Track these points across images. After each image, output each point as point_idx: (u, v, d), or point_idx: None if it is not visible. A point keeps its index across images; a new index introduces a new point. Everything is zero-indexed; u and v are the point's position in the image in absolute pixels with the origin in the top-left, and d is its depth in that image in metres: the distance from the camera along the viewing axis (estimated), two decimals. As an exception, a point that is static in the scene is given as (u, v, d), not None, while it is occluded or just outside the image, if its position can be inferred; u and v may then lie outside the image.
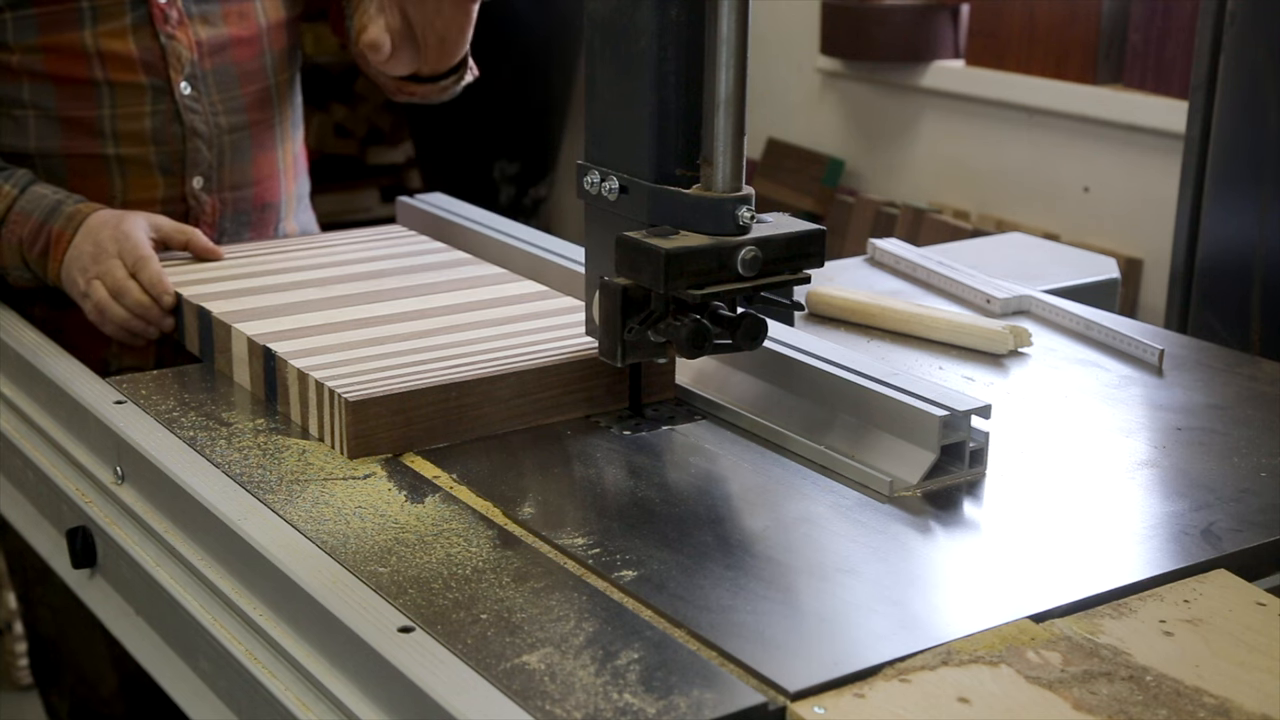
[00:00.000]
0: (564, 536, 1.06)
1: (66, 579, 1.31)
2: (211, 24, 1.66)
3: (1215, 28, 1.71)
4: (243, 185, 1.72)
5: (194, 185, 1.67)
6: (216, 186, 1.69)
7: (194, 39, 1.64)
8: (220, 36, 1.66)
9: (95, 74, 1.61)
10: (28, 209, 1.55)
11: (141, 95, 1.63)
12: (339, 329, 1.36)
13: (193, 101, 1.65)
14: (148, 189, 1.66)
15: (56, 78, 1.61)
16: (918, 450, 1.16)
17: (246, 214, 1.74)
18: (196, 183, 1.68)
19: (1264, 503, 1.14)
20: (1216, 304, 1.75)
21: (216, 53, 1.66)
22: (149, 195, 1.66)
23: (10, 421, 1.42)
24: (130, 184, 1.66)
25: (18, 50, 1.61)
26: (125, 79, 1.62)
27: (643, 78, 1.16)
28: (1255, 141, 1.68)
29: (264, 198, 1.75)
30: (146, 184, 1.66)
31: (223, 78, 1.67)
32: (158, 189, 1.67)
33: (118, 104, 1.63)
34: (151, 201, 1.66)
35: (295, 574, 0.99)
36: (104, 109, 1.63)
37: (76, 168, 1.65)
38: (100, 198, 1.62)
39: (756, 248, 1.13)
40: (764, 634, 0.94)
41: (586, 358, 1.28)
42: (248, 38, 1.69)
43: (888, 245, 1.80)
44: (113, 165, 1.65)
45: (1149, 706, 0.87)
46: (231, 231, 1.72)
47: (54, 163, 1.64)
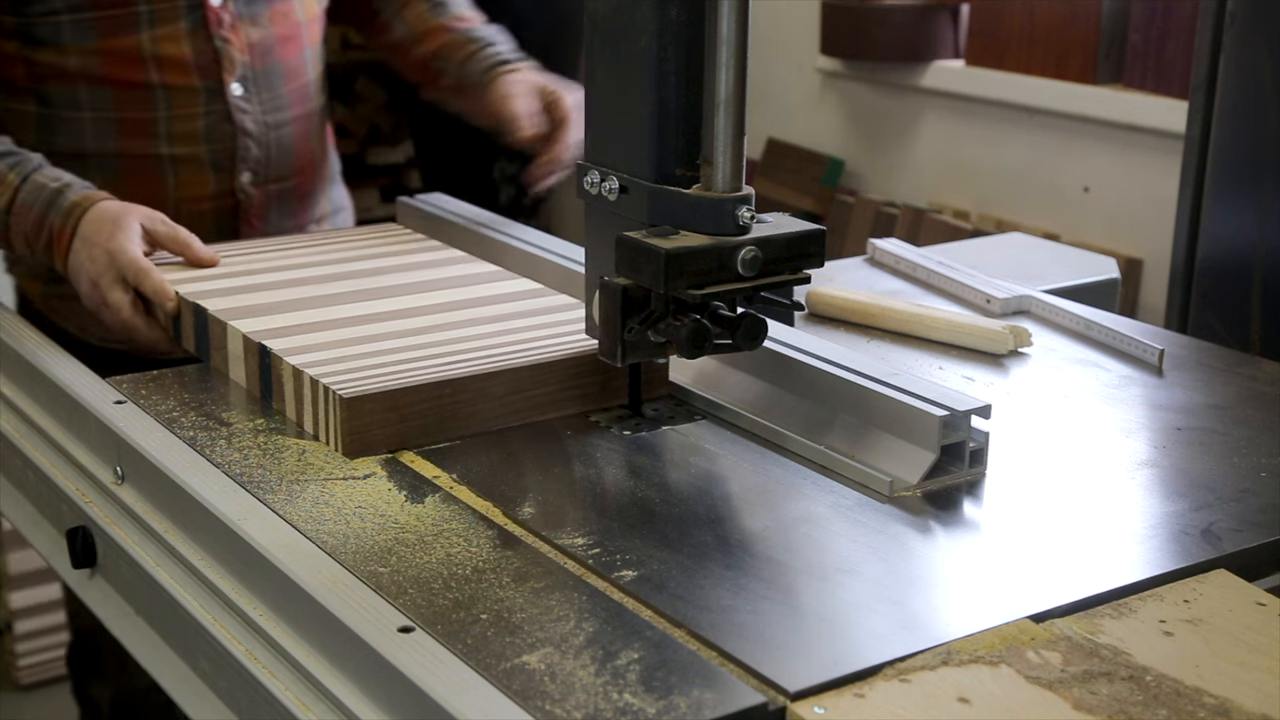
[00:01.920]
0: (564, 536, 1.06)
1: (66, 579, 1.31)
2: (259, 25, 1.71)
3: (1215, 28, 1.71)
4: (287, 176, 1.77)
5: (243, 180, 1.73)
6: (263, 180, 1.74)
7: (245, 41, 1.69)
8: (267, 37, 1.72)
9: (151, 77, 1.66)
10: (28, 201, 1.54)
11: (195, 97, 1.68)
12: (335, 326, 1.36)
13: (243, 101, 1.70)
14: (199, 186, 1.71)
15: (113, 81, 1.66)
16: (918, 450, 1.16)
17: (290, 203, 1.80)
18: (245, 178, 1.73)
19: (1264, 503, 1.14)
20: (1216, 304, 1.75)
21: (265, 53, 1.71)
22: (200, 192, 1.71)
23: (10, 421, 1.42)
24: (182, 182, 1.70)
25: (75, 53, 1.65)
26: (180, 82, 1.67)
27: (643, 78, 1.16)
28: (1255, 141, 1.68)
29: (305, 187, 1.82)
30: (198, 181, 1.71)
31: (270, 76, 1.72)
32: (209, 185, 1.72)
33: (172, 106, 1.68)
34: (202, 197, 1.71)
35: (295, 574, 0.98)
36: (159, 111, 1.68)
37: (131, 167, 1.69)
38: (153, 195, 1.65)
39: (756, 248, 1.13)
40: (764, 634, 0.94)
41: (581, 355, 1.28)
42: (290, 36, 1.75)
43: (888, 245, 1.80)
44: (166, 164, 1.69)
45: (1149, 706, 0.87)
46: (275, 220, 1.78)
47: (109, 162, 1.69)
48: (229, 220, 1.73)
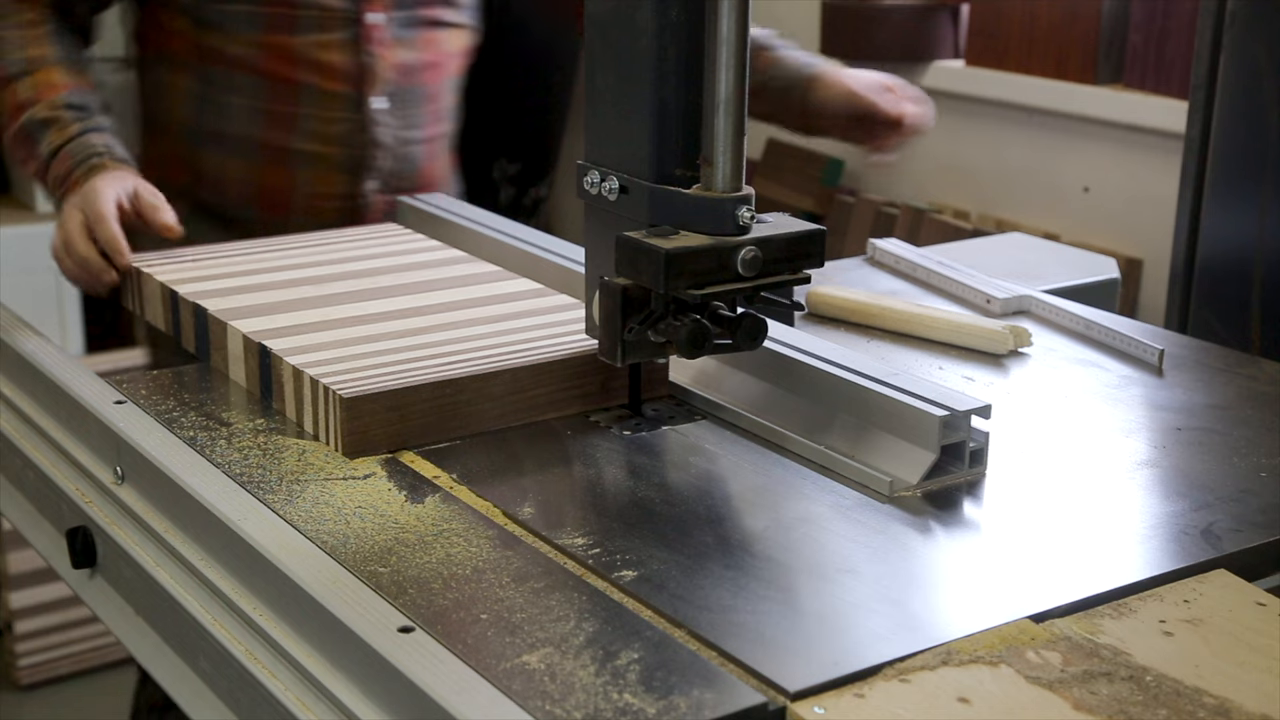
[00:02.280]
0: (564, 536, 1.06)
1: (66, 579, 1.31)
2: (410, 48, 1.81)
3: (1215, 28, 1.71)
4: (409, 189, 1.86)
5: (368, 187, 1.82)
6: (387, 189, 1.84)
7: (394, 60, 1.79)
8: (415, 60, 1.82)
9: (302, 77, 1.77)
10: (74, 150, 1.65)
11: (338, 103, 1.78)
12: (334, 326, 1.36)
13: (381, 115, 1.79)
14: (327, 184, 1.81)
15: (268, 74, 1.76)
16: (918, 450, 1.16)
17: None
18: (371, 185, 1.82)
19: (1264, 503, 1.14)
20: (1216, 304, 1.75)
21: (409, 74, 1.81)
22: (326, 190, 1.81)
23: (10, 421, 1.42)
24: (312, 178, 1.80)
25: (239, 42, 1.75)
26: (327, 87, 1.77)
27: (643, 78, 1.16)
28: (1255, 141, 1.68)
29: None
30: (326, 180, 1.81)
31: (410, 97, 1.82)
32: (336, 186, 1.81)
33: (316, 107, 1.78)
34: (328, 195, 1.81)
35: (295, 574, 0.98)
36: (303, 109, 1.78)
37: (268, 156, 1.79)
38: (284, 187, 1.80)
39: (756, 248, 1.13)
40: (764, 634, 0.94)
41: (581, 355, 1.28)
42: (436, 63, 1.85)
43: (888, 245, 1.80)
44: (299, 160, 1.80)
45: (1149, 706, 0.87)
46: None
47: (249, 149, 1.79)
48: (348, 221, 1.81)
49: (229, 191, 1.80)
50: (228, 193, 1.80)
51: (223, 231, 1.75)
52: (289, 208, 1.81)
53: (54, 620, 2.85)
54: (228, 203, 1.82)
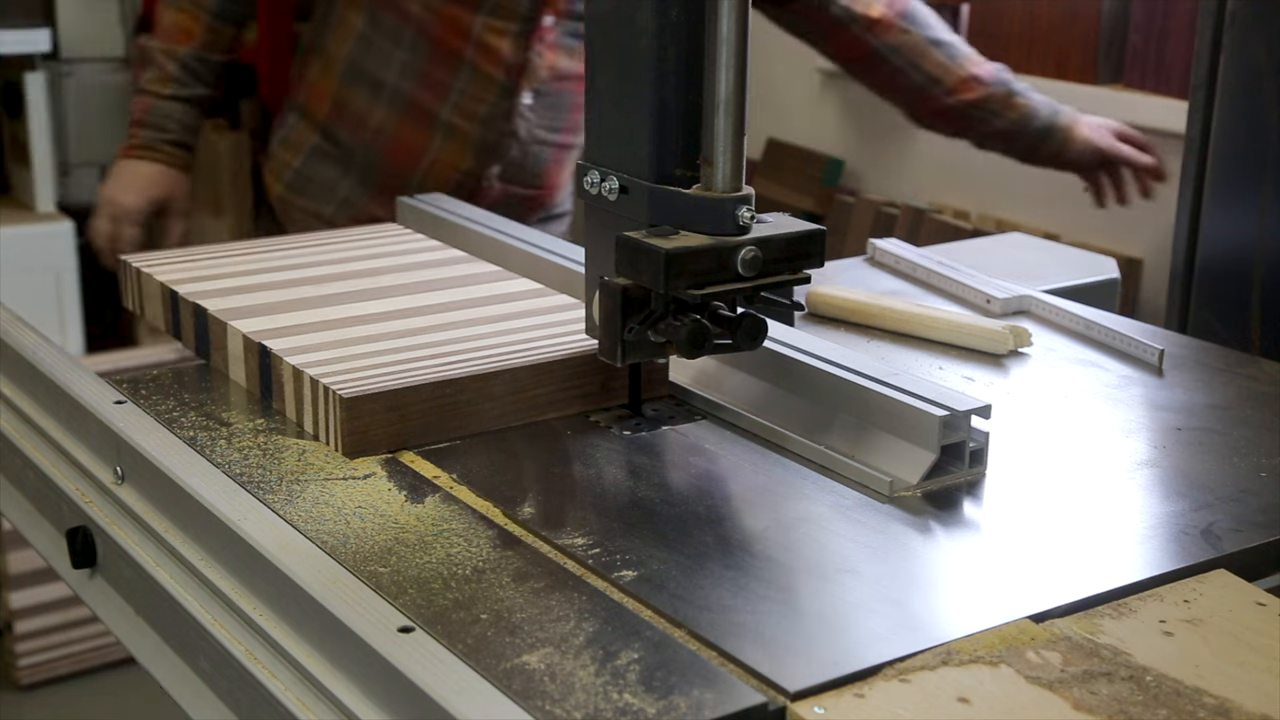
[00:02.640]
0: (564, 536, 1.06)
1: (66, 579, 1.31)
2: (568, 56, 1.91)
3: (1215, 28, 1.71)
4: (529, 186, 1.97)
5: (492, 172, 1.94)
6: (508, 179, 1.95)
7: (553, 63, 1.89)
8: (571, 69, 1.92)
9: (468, 55, 1.89)
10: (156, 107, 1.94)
11: (492, 88, 1.90)
12: (335, 326, 1.36)
13: (526, 110, 1.90)
14: (456, 158, 1.94)
15: (437, 41, 1.89)
16: (918, 450, 1.16)
17: (521, 208, 2.00)
18: (495, 170, 1.95)
19: (1264, 503, 1.14)
20: (1216, 304, 1.75)
21: (562, 80, 1.92)
22: (453, 163, 1.94)
23: (10, 421, 1.42)
24: (445, 148, 1.93)
25: (419, 3, 1.85)
26: (487, 70, 1.89)
27: (643, 78, 1.16)
28: (1255, 141, 1.68)
29: (541, 201, 2.03)
30: (457, 154, 1.94)
31: (555, 100, 1.93)
32: (464, 162, 1.94)
33: (470, 85, 1.90)
34: (453, 168, 1.95)
35: (295, 574, 0.98)
36: (458, 83, 1.90)
37: (412, 115, 1.92)
38: (418, 148, 1.93)
39: (756, 248, 1.13)
40: (764, 634, 0.94)
41: (582, 355, 1.28)
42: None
43: (888, 245, 1.80)
44: (440, 128, 1.92)
45: (1149, 706, 0.87)
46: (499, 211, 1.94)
47: (398, 102, 1.93)
48: (466, 198, 1.88)
49: (365, 134, 1.92)
50: (363, 134, 1.93)
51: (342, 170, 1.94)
52: (415, 167, 1.94)
53: (54, 620, 2.85)
54: (359, 144, 1.96)
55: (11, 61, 3.33)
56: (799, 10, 2.15)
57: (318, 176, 2.02)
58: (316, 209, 2.04)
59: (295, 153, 2.06)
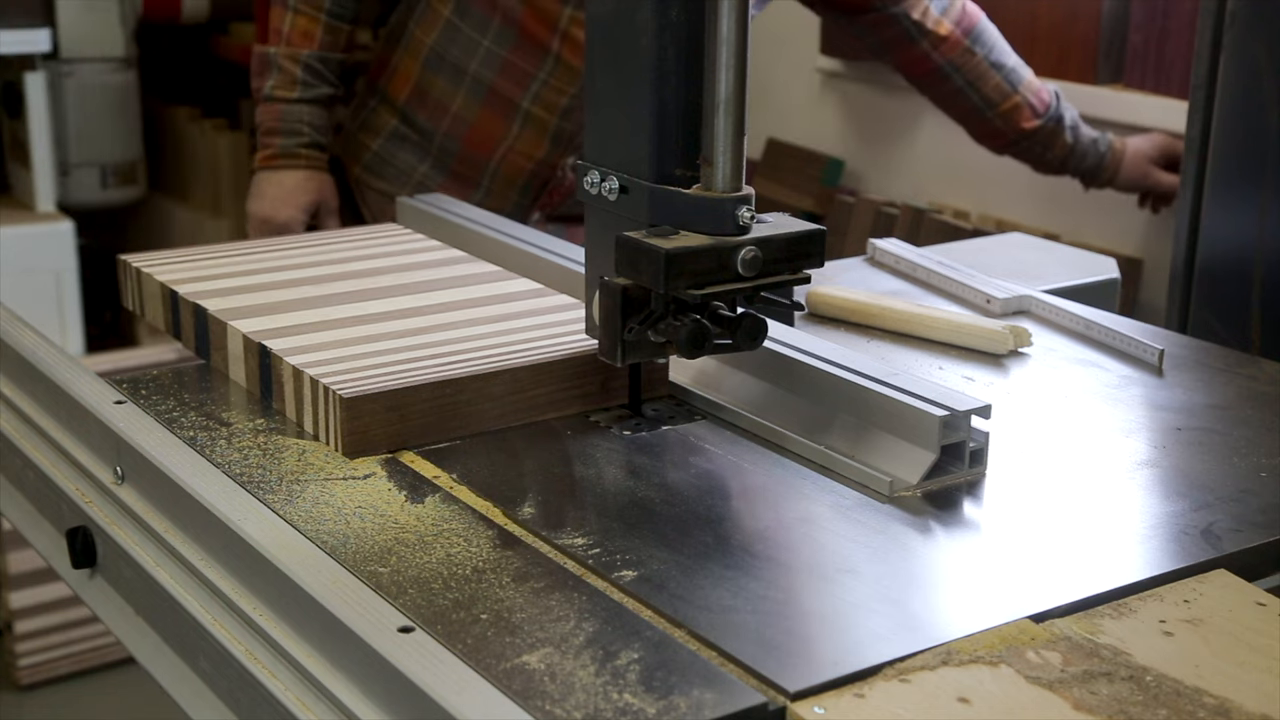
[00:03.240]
0: (564, 536, 1.06)
1: (66, 579, 1.31)
2: None
3: (1215, 28, 1.71)
4: None
5: (567, 163, 1.98)
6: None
7: None
8: None
9: (552, 46, 1.91)
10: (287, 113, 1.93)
11: (574, 79, 1.92)
12: (335, 326, 1.36)
13: None
14: (532, 147, 1.97)
15: (523, 30, 1.91)
16: (918, 450, 1.16)
17: None
18: (571, 161, 1.98)
19: (1264, 503, 1.14)
20: (1216, 304, 1.75)
21: None
22: (529, 151, 1.97)
23: (10, 421, 1.42)
24: (522, 136, 1.97)
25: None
26: (570, 60, 1.91)
27: (643, 78, 1.16)
28: (1255, 141, 1.68)
29: None
30: (534, 143, 1.97)
31: None
32: (540, 151, 1.97)
33: (553, 75, 1.92)
34: (529, 156, 1.98)
35: (295, 574, 0.98)
36: (540, 73, 1.93)
37: (492, 102, 1.95)
38: (496, 135, 1.96)
39: (756, 248, 1.14)
40: (764, 634, 0.94)
41: (582, 355, 1.28)
42: None
43: (888, 245, 1.80)
44: (519, 117, 1.96)
45: (1149, 706, 0.87)
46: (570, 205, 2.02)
47: (479, 89, 1.96)
48: (538, 186, 1.97)
49: (444, 120, 1.95)
50: (442, 120, 1.95)
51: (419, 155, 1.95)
52: (491, 155, 1.97)
53: (54, 620, 2.85)
54: (438, 129, 1.99)
55: (11, 61, 3.32)
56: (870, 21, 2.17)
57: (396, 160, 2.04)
58: (393, 190, 2.06)
59: (374, 135, 2.08)
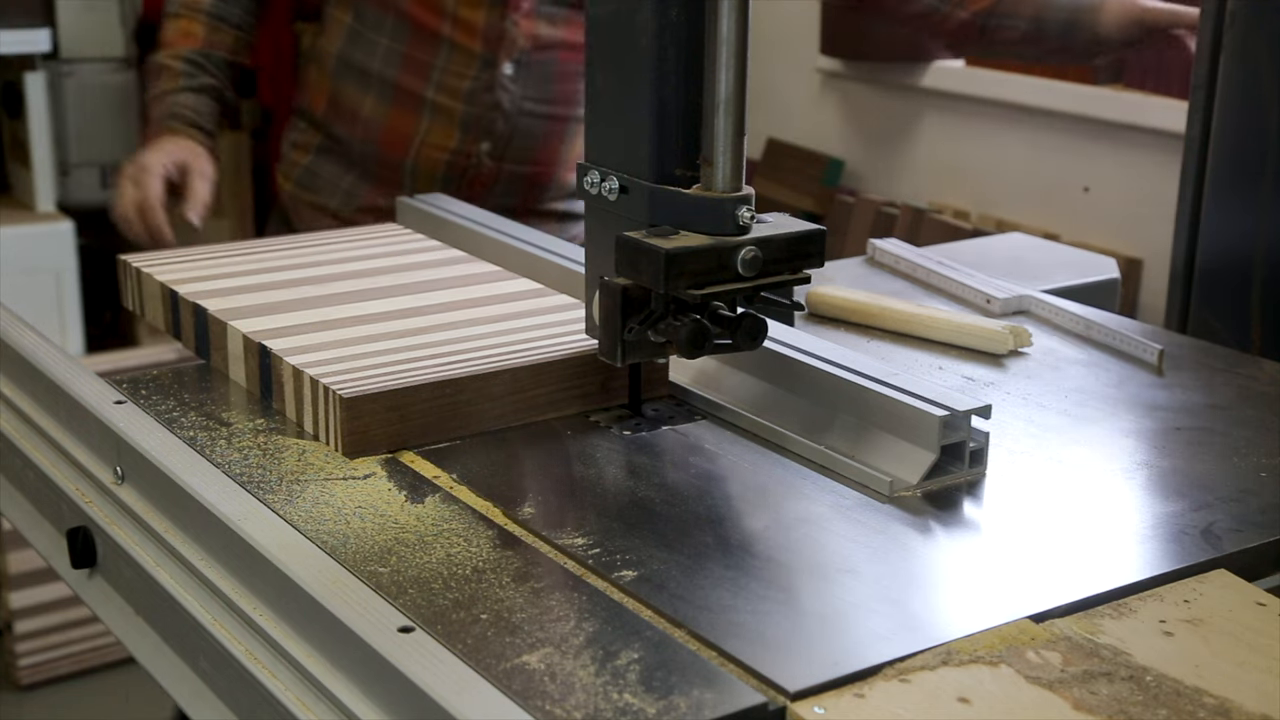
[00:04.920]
0: (564, 536, 1.06)
1: (66, 579, 1.31)
2: (552, 24, 1.90)
3: (1215, 28, 1.71)
4: (524, 162, 1.97)
5: (482, 148, 1.93)
6: (500, 157, 1.94)
7: (533, 32, 1.88)
8: (554, 37, 1.91)
9: (444, 30, 1.89)
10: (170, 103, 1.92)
11: (472, 62, 1.90)
12: (335, 326, 1.36)
13: (509, 82, 1.89)
14: (444, 138, 1.93)
15: (414, 21, 1.90)
16: (918, 450, 1.16)
17: (520, 186, 1.99)
18: (484, 147, 1.93)
19: (1264, 503, 1.14)
20: (1216, 304, 1.75)
21: (545, 49, 1.90)
22: (442, 143, 1.94)
23: (10, 421, 1.42)
24: (432, 128, 1.93)
25: None
26: (464, 43, 1.89)
27: (643, 78, 1.16)
28: (1255, 141, 1.68)
29: (538, 180, 2.01)
30: (445, 133, 1.93)
31: (542, 71, 1.91)
32: (452, 140, 1.93)
33: (450, 61, 1.90)
34: (443, 148, 1.94)
35: (295, 574, 0.98)
36: (438, 60, 1.91)
37: (400, 99, 1.94)
38: (405, 131, 1.94)
39: (756, 248, 1.13)
40: (764, 634, 0.94)
41: (582, 355, 1.28)
42: (575, 44, 1.93)
43: (888, 245, 1.80)
44: (426, 108, 1.93)
45: (1149, 706, 0.87)
46: (501, 196, 1.98)
47: (386, 89, 1.95)
48: (458, 178, 1.95)
49: (358, 126, 1.95)
50: (356, 127, 1.95)
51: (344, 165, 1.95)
52: (406, 152, 1.94)
53: (54, 620, 2.85)
54: (355, 136, 1.99)
55: (11, 61, 3.33)
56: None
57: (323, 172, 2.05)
58: (322, 202, 2.07)
59: (304, 153, 2.10)
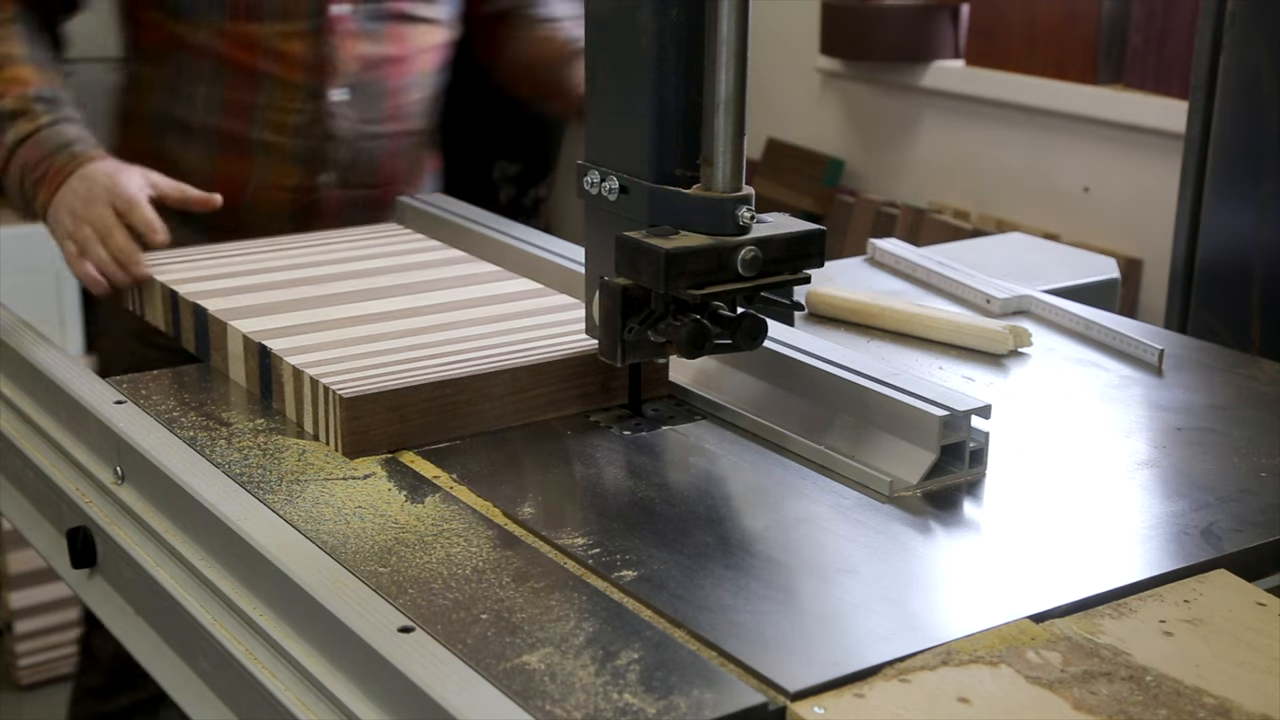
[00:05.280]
0: (564, 536, 1.06)
1: (66, 579, 1.31)
2: (374, 41, 1.79)
3: (1215, 28, 1.71)
4: (370, 185, 1.85)
5: (323, 180, 1.81)
6: (343, 184, 1.82)
7: (356, 53, 1.77)
8: (380, 54, 1.80)
9: (262, 66, 1.76)
10: (45, 139, 1.62)
11: (297, 94, 1.77)
12: (335, 326, 1.36)
13: (339, 107, 1.78)
14: (282, 176, 1.80)
15: (230, 62, 1.76)
16: (918, 450, 1.16)
17: (369, 210, 1.87)
18: (326, 178, 1.81)
19: (1264, 503, 1.14)
20: (1216, 304, 1.75)
21: (371, 68, 1.80)
22: (281, 181, 1.80)
23: (10, 421, 1.42)
24: (268, 168, 1.79)
25: (205, 29, 1.75)
26: (287, 76, 1.76)
27: (643, 78, 1.16)
28: (1255, 141, 1.68)
29: (384, 200, 1.89)
30: (282, 171, 1.80)
31: (371, 90, 1.81)
32: (291, 177, 1.80)
33: (274, 97, 1.77)
34: (282, 187, 1.80)
35: (295, 574, 0.99)
36: (261, 98, 1.77)
37: (226, 145, 1.79)
38: (238, 177, 1.77)
39: (756, 248, 1.13)
40: (764, 634, 0.94)
41: (582, 355, 1.28)
42: (402, 57, 1.83)
43: (888, 245, 1.80)
44: (257, 149, 1.79)
45: (1149, 706, 0.87)
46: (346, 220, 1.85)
47: (210, 138, 1.79)
48: (304, 214, 1.80)
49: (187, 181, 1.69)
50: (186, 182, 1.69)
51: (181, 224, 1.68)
52: (241, 197, 1.77)
53: (54, 620, 2.85)
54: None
55: (11, 61, 3.32)
56: None
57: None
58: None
59: None
